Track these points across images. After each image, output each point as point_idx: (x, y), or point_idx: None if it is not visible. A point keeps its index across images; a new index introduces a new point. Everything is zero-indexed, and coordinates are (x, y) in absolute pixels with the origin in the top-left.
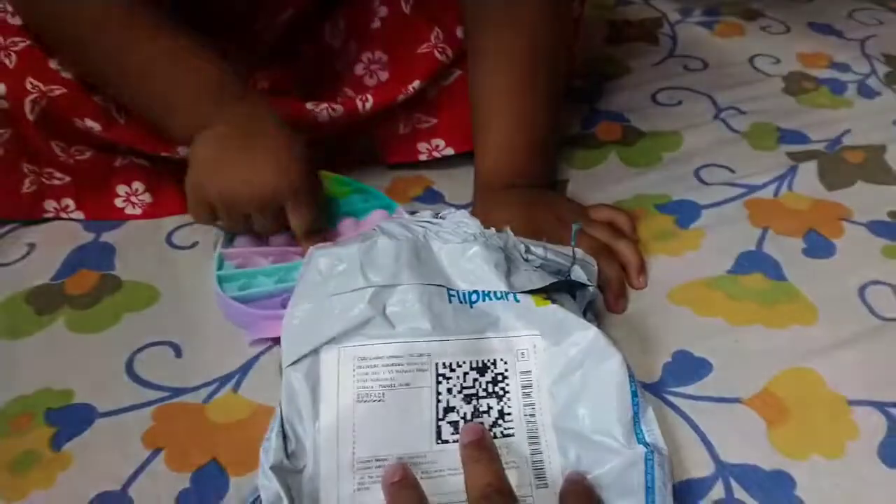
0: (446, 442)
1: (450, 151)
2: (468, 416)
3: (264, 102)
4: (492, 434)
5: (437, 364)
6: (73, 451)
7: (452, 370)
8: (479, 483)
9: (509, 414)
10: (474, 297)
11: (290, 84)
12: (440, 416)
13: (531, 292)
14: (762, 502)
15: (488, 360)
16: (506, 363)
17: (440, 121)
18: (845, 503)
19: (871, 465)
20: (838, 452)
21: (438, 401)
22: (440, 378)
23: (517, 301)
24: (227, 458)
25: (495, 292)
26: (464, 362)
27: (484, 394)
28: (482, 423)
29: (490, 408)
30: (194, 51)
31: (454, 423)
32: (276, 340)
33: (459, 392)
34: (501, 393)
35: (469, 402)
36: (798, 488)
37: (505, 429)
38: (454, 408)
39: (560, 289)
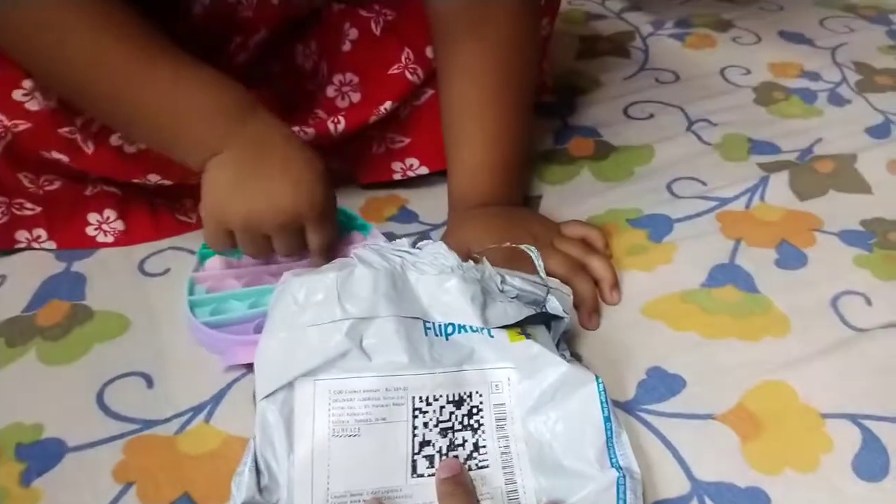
0: (421, 476)
1: (424, 170)
2: (444, 450)
3: (274, 116)
4: (467, 466)
5: (413, 398)
6: (43, 487)
7: (429, 404)
8: None
9: (484, 446)
10: (450, 329)
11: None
12: (416, 450)
13: (506, 326)
14: None
15: (464, 393)
16: (481, 396)
17: (413, 140)
18: None
19: (845, 479)
20: (812, 466)
21: (415, 435)
22: (416, 412)
23: (491, 336)
24: (200, 491)
25: (471, 325)
26: (440, 396)
27: (459, 427)
28: (457, 457)
29: (465, 440)
30: (194, 71)
31: (430, 457)
32: (250, 367)
33: (436, 426)
34: (476, 426)
35: (445, 436)
36: None
37: (480, 461)
38: (430, 441)
39: (535, 319)
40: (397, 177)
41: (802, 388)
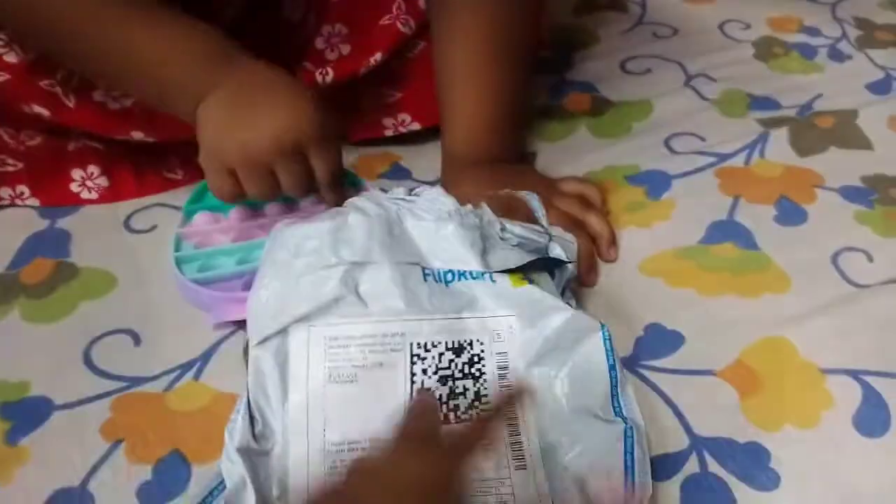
0: None
1: (416, 126)
2: (443, 398)
3: (256, 58)
4: (468, 416)
5: (411, 344)
6: (30, 446)
7: (427, 350)
8: None
9: (486, 395)
10: (450, 276)
11: None
12: (414, 396)
13: (508, 271)
14: (737, 475)
15: (464, 341)
16: (482, 344)
17: (405, 95)
18: (821, 473)
19: (845, 434)
20: (813, 422)
21: (413, 381)
22: (415, 358)
23: (493, 282)
24: (190, 448)
25: (471, 272)
26: (439, 342)
27: (460, 375)
28: (458, 406)
29: (466, 389)
30: (176, 20)
31: None
32: (239, 324)
33: (435, 373)
34: (477, 374)
35: (444, 384)
36: (773, 460)
37: (481, 410)
38: (429, 389)
39: (539, 267)
40: (389, 133)
41: (802, 344)
